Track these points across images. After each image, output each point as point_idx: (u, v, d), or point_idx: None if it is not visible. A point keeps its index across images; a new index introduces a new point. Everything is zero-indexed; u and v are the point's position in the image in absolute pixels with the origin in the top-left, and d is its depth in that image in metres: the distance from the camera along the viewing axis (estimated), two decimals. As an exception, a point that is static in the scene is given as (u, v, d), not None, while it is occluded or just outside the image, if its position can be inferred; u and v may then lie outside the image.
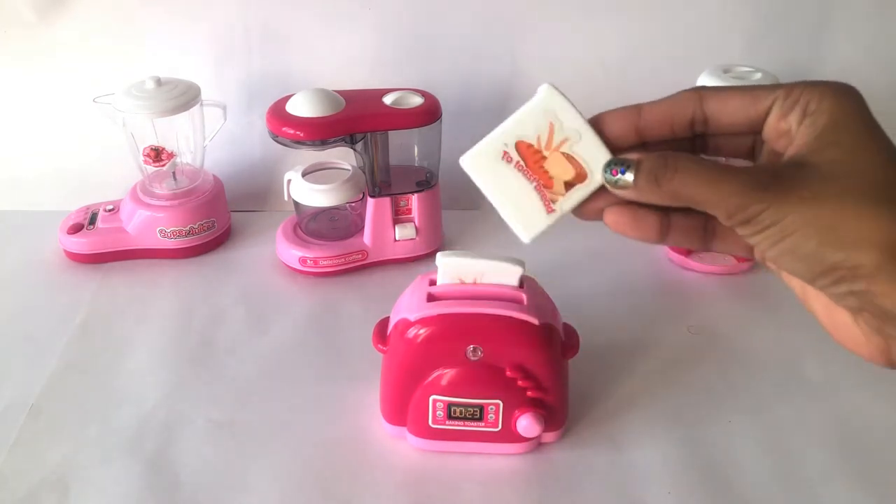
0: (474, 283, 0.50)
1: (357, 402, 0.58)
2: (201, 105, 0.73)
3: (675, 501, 0.51)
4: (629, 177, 0.34)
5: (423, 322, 0.49)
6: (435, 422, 0.52)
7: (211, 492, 0.51)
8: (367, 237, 0.74)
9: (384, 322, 0.54)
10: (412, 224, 0.74)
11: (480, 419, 0.51)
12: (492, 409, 0.51)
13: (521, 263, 0.50)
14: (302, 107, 0.66)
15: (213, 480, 0.52)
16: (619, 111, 0.36)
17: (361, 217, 0.74)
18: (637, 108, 0.36)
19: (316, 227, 0.76)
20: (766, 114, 0.34)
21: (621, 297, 0.70)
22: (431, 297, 0.50)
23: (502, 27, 0.78)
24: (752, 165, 0.34)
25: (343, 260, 0.73)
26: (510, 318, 0.48)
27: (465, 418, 0.51)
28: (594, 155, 0.35)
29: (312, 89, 0.67)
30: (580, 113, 0.37)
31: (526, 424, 0.51)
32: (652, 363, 0.62)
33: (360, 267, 0.74)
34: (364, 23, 0.78)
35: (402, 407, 0.52)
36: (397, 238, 0.74)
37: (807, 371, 0.61)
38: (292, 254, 0.73)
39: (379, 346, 0.52)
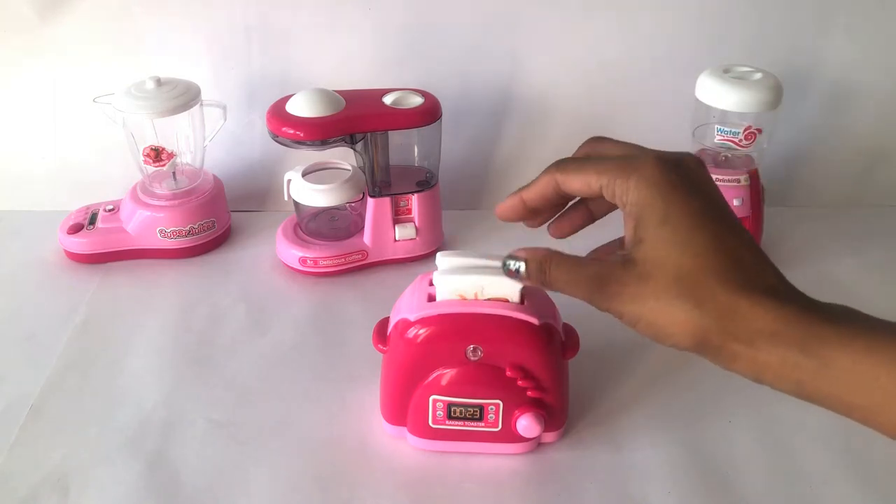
0: (476, 299, 0.49)
1: (357, 402, 0.58)
2: (201, 105, 0.73)
3: (675, 501, 0.51)
4: (523, 271, 0.42)
5: (423, 322, 0.49)
6: (435, 422, 0.52)
7: (211, 492, 0.51)
8: (367, 237, 0.74)
9: (384, 322, 0.54)
10: (412, 224, 0.74)
11: (480, 419, 0.51)
12: (492, 409, 0.51)
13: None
14: (302, 107, 0.66)
15: (213, 480, 0.52)
16: (508, 202, 0.44)
17: (361, 217, 0.74)
18: (519, 195, 0.44)
19: (316, 227, 0.76)
20: (601, 194, 0.41)
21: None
22: (431, 297, 0.50)
23: (502, 27, 0.78)
24: (600, 264, 0.40)
25: (343, 260, 0.73)
26: (510, 317, 0.48)
27: (465, 418, 0.51)
28: (502, 287, 0.48)
29: (312, 89, 0.67)
30: (467, 272, 0.48)
31: (526, 424, 0.51)
32: (652, 363, 0.62)
33: (360, 267, 0.74)
34: (364, 22, 0.78)
35: (402, 407, 0.52)
36: (397, 238, 0.74)
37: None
38: (292, 254, 0.73)
39: (379, 346, 0.52)
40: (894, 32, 0.78)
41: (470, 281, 0.48)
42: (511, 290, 0.48)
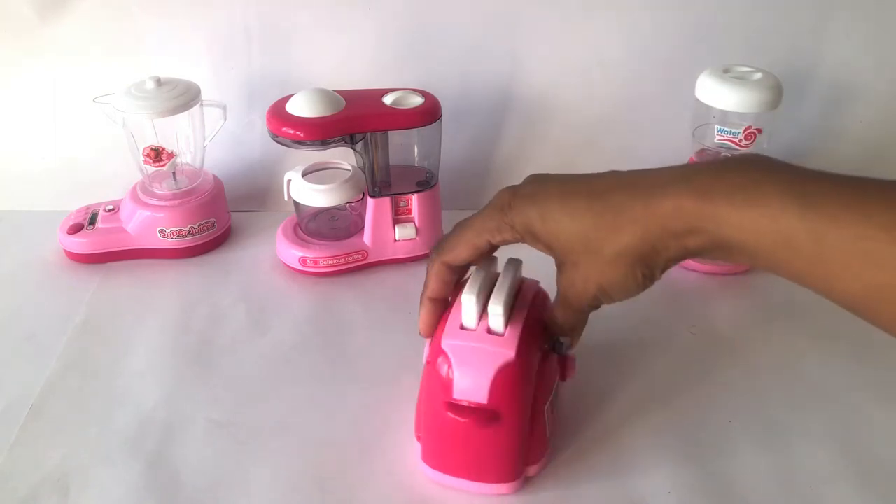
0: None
1: (357, 402, 0.58)
2: (201, 105, 0.73)
3: (675, 501, 0.51)
4: (566, 341, 0.49)
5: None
6: None
7: (211, 492, 0.51)
8: (367, 237, 0.74)
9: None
10: (412, 224, 0.74)
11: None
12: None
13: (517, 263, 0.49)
14: (302, 107, 0.66)
15: (213, 480, 0.52)
16: (424, 313, 0.50)
17: (361, 217, 0.74)
18: (426, 299, 0.49)
19: (316, 227, 0.76)
20: (491, 247, 0.46)
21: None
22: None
23: (503, 27, 0.78)
24: (557, 293, 0.47)
25: (343, 260, 0.73)
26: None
27: None
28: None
29: (312, 89, 0.67)
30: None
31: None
32: (652, 363, 0.62)
33: (360, 267, 0.74)
34: (364, 22, 0.78)
35: None
36: (397, 238, 0.74)
37: (807, 371, 0.61)
38: (292, 254, 0.73)
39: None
40: (894, 32, 0.79)
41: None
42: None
